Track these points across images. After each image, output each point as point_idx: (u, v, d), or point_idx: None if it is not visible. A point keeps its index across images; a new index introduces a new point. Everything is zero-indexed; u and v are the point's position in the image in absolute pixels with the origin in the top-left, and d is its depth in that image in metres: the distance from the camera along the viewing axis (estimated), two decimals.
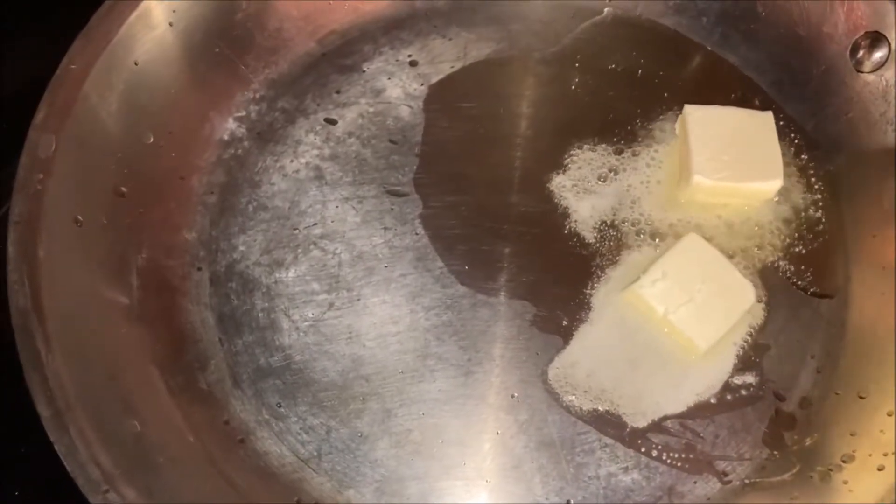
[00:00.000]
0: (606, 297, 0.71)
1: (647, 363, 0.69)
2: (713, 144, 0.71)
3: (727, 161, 0.71)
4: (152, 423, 0.62)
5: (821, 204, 0.75)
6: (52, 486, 0.56)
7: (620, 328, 0.70)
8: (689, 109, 0.73)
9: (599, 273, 0.72)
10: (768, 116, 0.73)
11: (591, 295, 0.71)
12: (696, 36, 0.83)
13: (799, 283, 0.72)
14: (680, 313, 0.67)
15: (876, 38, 0.73)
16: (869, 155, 0.74)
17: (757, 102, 0.79)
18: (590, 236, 0.73)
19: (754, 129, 0.73)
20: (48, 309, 0.59)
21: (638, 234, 0.73)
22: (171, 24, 0.73)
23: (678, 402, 0.68)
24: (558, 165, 0.76)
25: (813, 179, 0.76)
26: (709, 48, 0.83)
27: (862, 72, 0.75)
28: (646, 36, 0.83)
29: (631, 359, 0.69)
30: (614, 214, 0.74)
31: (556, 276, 0.72)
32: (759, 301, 0.70)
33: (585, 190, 0.75)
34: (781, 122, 0.77)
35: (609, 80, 0.80)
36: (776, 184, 0.71)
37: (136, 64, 0.70)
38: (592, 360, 0.69)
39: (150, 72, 0.72)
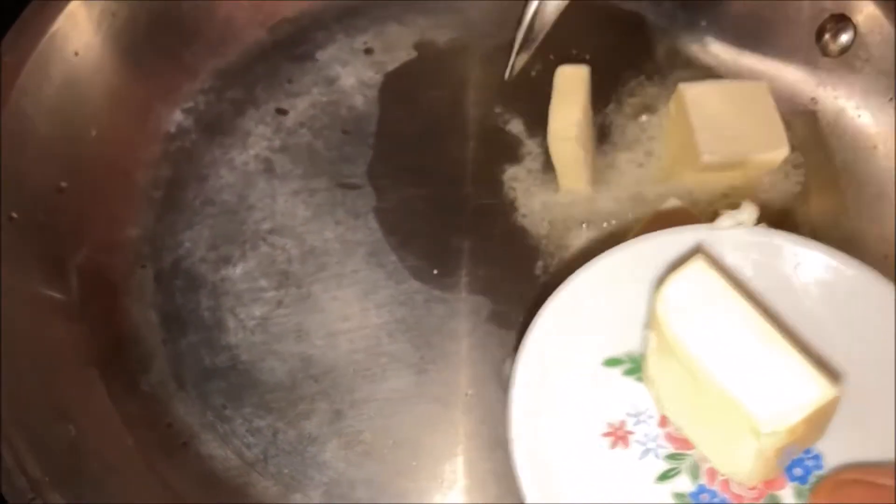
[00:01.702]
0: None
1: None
2: (714, 121, 0.69)
3: (731, 136, 0.68)
4: (89, 428, 0.60)
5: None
6: None
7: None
8: (682, 88, 0.70)
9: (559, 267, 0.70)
10: (762, 87, 0.70)
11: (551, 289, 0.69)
12: (660, 21, 0.81)
13: None
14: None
15: (841, 21, 0.71)
16: (836, 139, 0.72)
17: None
18: (545, 228, 0.70)
19: (751, 100, 0.70)
20: None
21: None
22: (113, 14, 0.70)
23: None
24: (516, 157, 0.74)
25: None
26: (673, 33, 0.80)
27: (828, 55, 0.73)
28: (608, 21, 0.81)
29: None
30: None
31: (514, 270, 0.69)
32: None
33: (543, 182, 0.72)
34: None
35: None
36: (783, 152, 0.68)
37: (75, 55, 0.68)
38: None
39: (90, 63, 0.69)
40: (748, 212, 0.55)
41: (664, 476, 0.51)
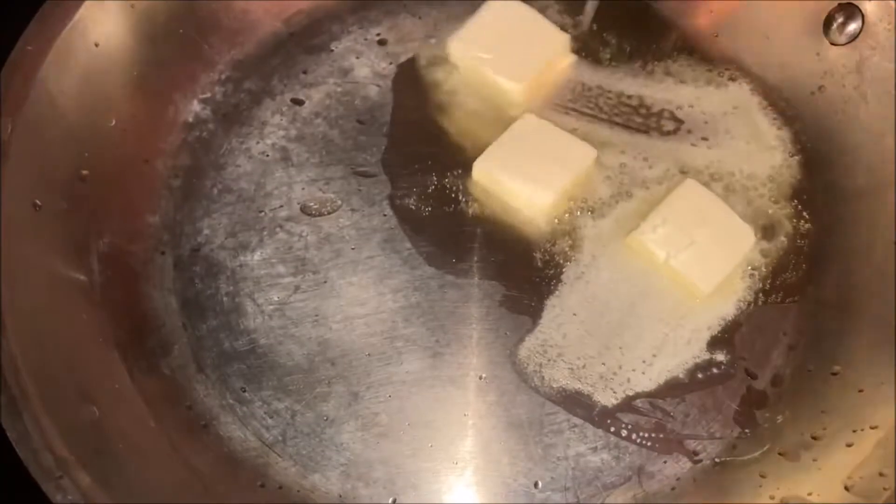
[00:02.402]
0: (577, 276, 0.70)
1: (618, 342, 0.68)
2: None
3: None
4: (112, 409, 0.61)
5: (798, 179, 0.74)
6: (6, 473, 0.54)
7: (591, 305, 0.69)
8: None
9: (569, 252, 0.70)
10: None
11: (561, 274, 0.70)
12: (669, 11, 0.81)
13: None
14: (681, 258, 0.68)
15: (849, 10, 0.72)
16: (843, 128, 0.73)
17: (734, 77, 0.77)
18: (560, 215, 0.71)
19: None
20: (4, 294, 0.58)
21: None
22: (132, 6, 0.71)
23: (649, 380, 0.67)
24: None
25: (791, 155, 0.74)
26: (682, 23, 0.81)
27: (836, 44, 0.73)
28: (617, 10, 0.81)
29: (601, 338, 0.67)
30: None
31: (527, 255, 0.70)
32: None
33: None
34: (758, 96, 0.77)
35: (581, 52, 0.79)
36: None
37: (96, 45, 0.69)
38: (562, 339, 0.68)
39: (111, 53, 0.70)
40: None
41: None
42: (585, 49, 0.79)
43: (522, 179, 0.70)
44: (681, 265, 0.68)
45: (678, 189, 0.70)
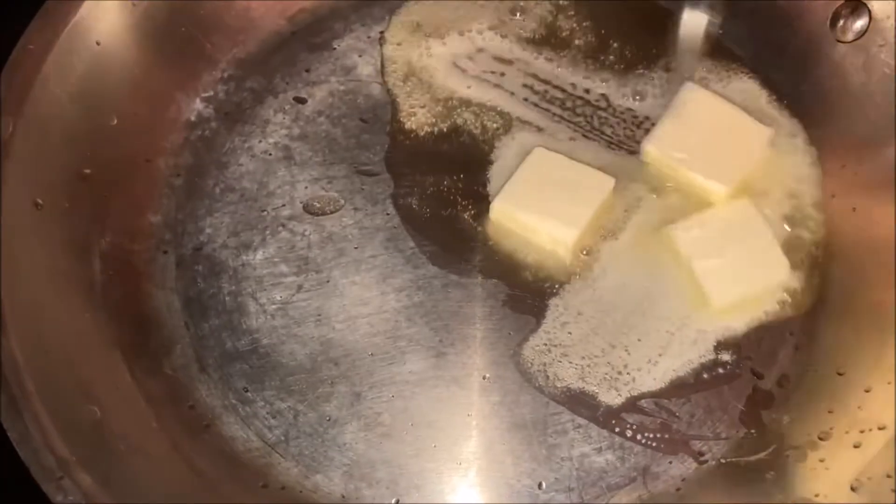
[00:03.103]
0: (582, 275, 0.69)
1: (623, 341, 0.67)
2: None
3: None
4: (114, 410, 0.61)
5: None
6: (7, 473, 0.54)
7: (597, 304, 0.68)
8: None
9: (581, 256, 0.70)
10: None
11: (567, 273, 0.69)
12: (676, 8, 0.81)
13: None
14: (703, 265, 0.67)
15: (856, 7, 0.71)
16: (850, 126, 0.72)
17: (739, 75, 0.77)
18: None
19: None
20: (5, 293, 0.58)
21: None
22: (133, 4, 0.71)
23: (654, 380, 0.66)
24: None
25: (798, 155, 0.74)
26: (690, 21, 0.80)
27: (842, 42, 0.73)
28: (623, 7, 0.81)
29: (606, 337, 0.67)
30: None
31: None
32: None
33: None
34: (765, 92, 0.76)
35: (584, 51, 0.78)
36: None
37: (97, 44, 0.69)
38: (567, 338, 0.67)
39: (112, 52, 0.70)
40: None
41: None
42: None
43: (544, 216, 0.69)
44: (700, 272, 0.67)
45: (732, 203, 0.69)
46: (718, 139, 0.71)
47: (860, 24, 0.71)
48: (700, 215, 0.69)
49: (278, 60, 0.78)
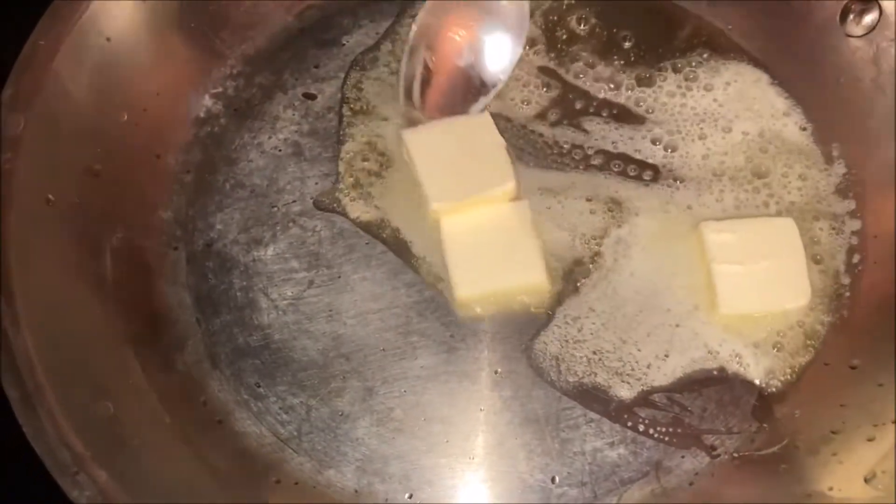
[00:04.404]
0: (596, 272, 0.69)
1: (634, 336, 0.67)
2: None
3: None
4: (127, 405, 0.61)
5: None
6: (22, 469, 0.54)
7: (608, 299, 0.68)
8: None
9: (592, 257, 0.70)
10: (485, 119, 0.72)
11: (580, 268, 0.69)
12: (686, 3, 0.81)
13: None
14: (723, 269, 0.66)
15: (866, 2, 0.71)
16: (860, 121, 0.72)
17: (748, 70, 0.77)
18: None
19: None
20: (18, 290, 0.58)
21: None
22: (143, 0, 0.71)
23: (665, 375, 0.66)
24: None
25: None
26: (698, 16, 0.80)
27: (852, 36, 0.73)
28: (634, 2, 0.80)
29: (617, 332, 0.67)
30: None
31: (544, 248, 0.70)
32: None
33: None
34: (774, 87, 0.76)
35: (594, 48, 0.78)
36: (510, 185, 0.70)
37: (108, 40, 0.68)
38: (578, 333, 0.67)
39: (122, 48, 0.70)
40: None
41: None
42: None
43: (506, 275, 0.67)
44: (717, 275, 0.66)
45: (776, 219, 0.68)
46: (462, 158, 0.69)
47: (870, 18, 0.71)
48: (737, 222, 0.68)
49: (287, 56, 0.78)
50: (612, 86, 0.76)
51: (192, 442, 0.63)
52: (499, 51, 0.73)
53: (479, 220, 0.68)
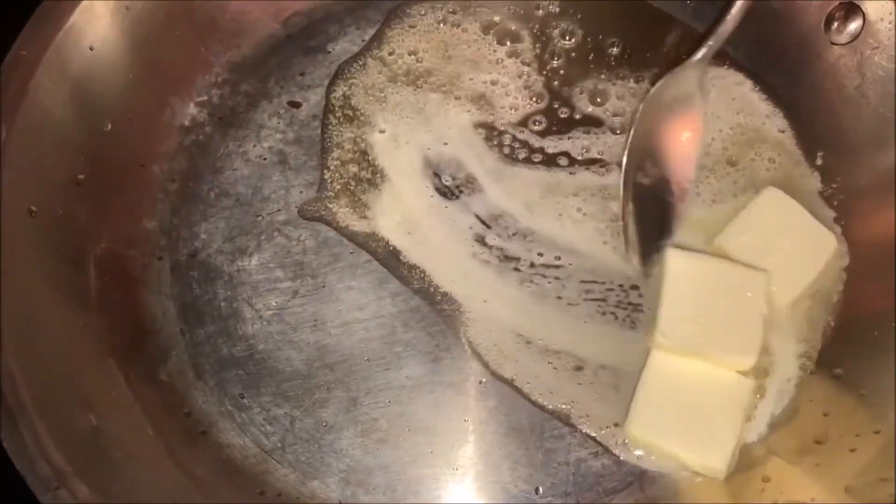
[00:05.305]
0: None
1: None
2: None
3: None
4: (109, 417, 0.61)
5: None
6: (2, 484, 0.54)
7: None
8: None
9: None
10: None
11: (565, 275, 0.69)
12: (670, 9, 0.81)
13: None
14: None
15: (850, 9, 0.71)
16: (844, 129, 0.72)
17: (732, 77, 0.77)
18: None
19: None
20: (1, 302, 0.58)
21: None
22: (127, 8, 0.70)
23: None
24: None
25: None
26: (682, 22, 0.80)
27: (836, 44, 0.73)
28: (619, 9, 0.80)
29: None
30: None
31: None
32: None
33: None
34: (760, 93, 0.76)
35: (581, 53, 0.78)
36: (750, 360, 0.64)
37: (91, 49, 0.68)
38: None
39: (106, 57, 0.70)
40: None
41: None
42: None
43: (687, 444, 0.61)
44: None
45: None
46: (722, 305, 0.64)
47: (854, 26, 0.71)
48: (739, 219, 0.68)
49: (273, 64, 0.78)
50: (598, 93, 0.75)
51: (175, 454, 0.63)
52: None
53: (692, 375, 0.62)
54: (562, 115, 0.75)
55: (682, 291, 0.64)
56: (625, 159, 0.70)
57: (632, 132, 0.71)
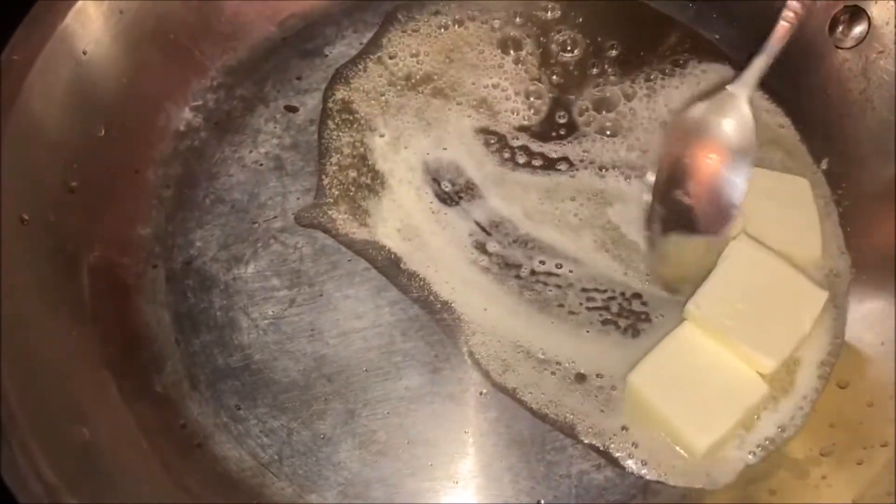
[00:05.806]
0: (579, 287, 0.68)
1: None
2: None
3: None
4: (103, 430, 0.59)
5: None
6: None
7: None
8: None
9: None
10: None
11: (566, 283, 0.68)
12: (673, 12, 0.80)
13: None
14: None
15: (855, 13, 0.71)
16: (848, 133, 0.71)
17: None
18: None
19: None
20: None
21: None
22: (121, 12, 0.70)
23: None
24: None
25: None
26: (685, 25, 0.80)
27: (841, 48, 0.72)
28: (621, 11, 0.80)
29: None
30: None
31: None
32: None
33: None
34: (762, 98, 0.75)
35: (583, 56, 0.77)
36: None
37: (84, 53, 0.67)
38: None
39: (99, 61, 0.69)
40: None
41: None
42: None
43: (676, 413, 0.61)
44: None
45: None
46: (767, 303, 0.63)
47: (859, 29, 0.71)
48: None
49: (269, 67, 0.77)
50: (598, 98, 0.75)
51: (170, 467, 0.61)
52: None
53: (712, 356, 0.62)
54: (562, 120, 0.74)
55: (734, 275, 0.63)
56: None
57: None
